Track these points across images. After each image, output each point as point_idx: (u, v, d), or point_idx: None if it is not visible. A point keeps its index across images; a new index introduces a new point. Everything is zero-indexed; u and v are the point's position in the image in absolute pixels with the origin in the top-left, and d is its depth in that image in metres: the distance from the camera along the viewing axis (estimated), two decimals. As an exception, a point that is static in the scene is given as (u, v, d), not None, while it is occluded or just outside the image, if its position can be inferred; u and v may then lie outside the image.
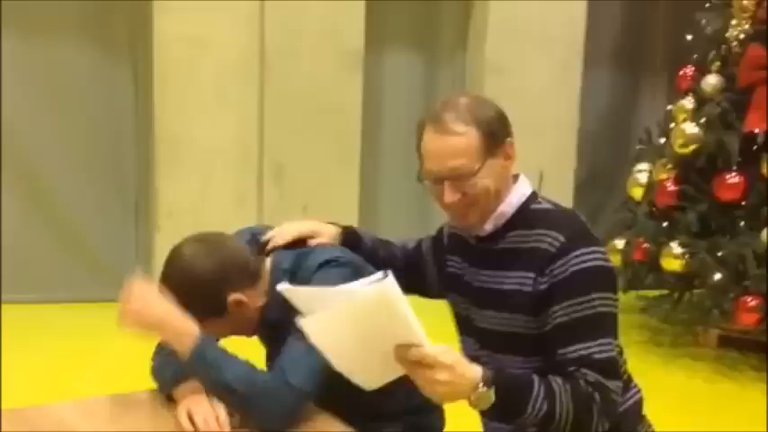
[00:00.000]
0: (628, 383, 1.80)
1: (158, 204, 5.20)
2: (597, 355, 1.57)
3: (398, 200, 5.80)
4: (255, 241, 1.91)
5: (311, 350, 1.66)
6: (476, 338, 1.77)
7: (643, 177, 5.02)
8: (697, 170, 4.61)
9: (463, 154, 1.63)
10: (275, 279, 1.79)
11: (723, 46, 4.71)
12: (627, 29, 6.37)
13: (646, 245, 4.82)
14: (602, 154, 6.26)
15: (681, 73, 5.03)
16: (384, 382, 1.51)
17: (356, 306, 1.37)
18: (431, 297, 2.00)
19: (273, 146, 5.26)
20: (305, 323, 1.40)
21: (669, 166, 4.78)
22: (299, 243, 1.90)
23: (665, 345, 4.95)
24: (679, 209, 4.68)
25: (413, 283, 1.91)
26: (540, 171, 5.60)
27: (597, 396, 1.55)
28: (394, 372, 1.46)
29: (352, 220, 5.36)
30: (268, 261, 1.86)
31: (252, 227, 2.02)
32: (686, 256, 4.50)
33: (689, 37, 4.97)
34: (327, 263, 1.77)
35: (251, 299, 1.80)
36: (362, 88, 5.40)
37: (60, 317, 5.03)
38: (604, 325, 1.62)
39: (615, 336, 1.65)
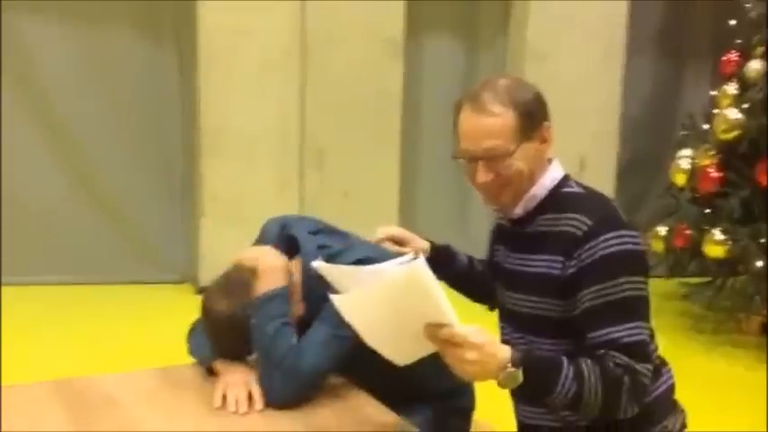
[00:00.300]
0: (659, 369, 1.79)
1: (203, 190, 5.30)
2: (626, 339, 1.56)
3: (438, 186, 5.83)
4: (285, 236, 1.94)
5: (334, 333, 1.73)
6: (510, 322, 1.78)
7: (686, 163, 4.98)
8: (740, 156, 4.57)
9: (499, 135, 1.64)
10: (307, 283, 1.84)
11: (766, 30, 4.66)
12: (671, 14, 6.31)
13: (688, 231, 4.80)
14: (646, 140, 6.21)
15: (724, 58, 4.98)
16: (414, 358, 1.54)
17: (387, 285, 1.40)
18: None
19: (314, 133, 5.33)
20: (337, 300, 1.45)
21: (712, 152, 4.74)
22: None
23: (707, 332, 4.92)
24: (722, 195, 4.64)
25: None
26: (582, 157, 5.67)
27: (626, 379, 1.53)
28: (425, 349, 1.49)
29: (392, 206, 5.44)
30: (298, 264, 1.87)
31: (283, 217, 2.04)
32: (728, 243, 4.47)
33: (732, 22, 4.90)
34: (360, 261, 1.78)
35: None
36: (403, 75, 5.43)
37: (108, 297, 5.18)
38: (634, 309, 1.59)
39: (646, 319, 1.62)
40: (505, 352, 1.46)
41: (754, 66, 4.63)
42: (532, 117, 1.66)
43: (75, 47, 5.28)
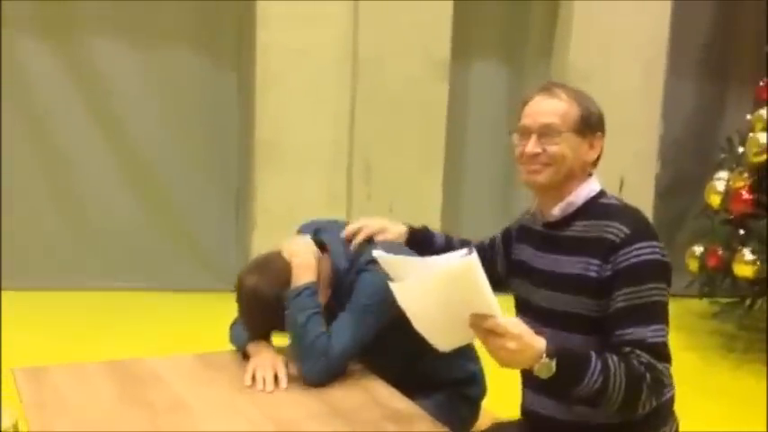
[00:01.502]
0: None
1: (256, 202, 5.60)
2: (650, 339, 1.72)
3: (480, 204, 6.04)
4: (317, 238, 2.20)
5: (359, 322, 2.00)
6: (533, 317, 1.90)
7: (721, 185, 5.10)
8: (772, 179, 4.69)
9: (558, 115, 1.85)
10: (336, 279, 2.12)
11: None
12: (714, 36, 6.39)
13: (720, 251, 4.93)
14: (687, 161, 6.31)
15: (761, 83, 5.10)
16: (456, 345, 1.75)
17: (442, 277, 1.61)
18: (497, 286, 2.13)
19: (363, 148, 5.59)
20: (394, 287, 1.65)
21: (745, 174, 4.87)
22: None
23: (738, 350, 5.02)
24: (754, 216, 4.77)
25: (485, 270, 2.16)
26: (621, 177, 5.82)
27: (648, 376, 1.68)
28: (466, 338, 1.69)
29: (435, 222, 5.66)
30: (327, 261, 2.14)
31: (316, 221, 2.35)
32: (757, 263, 4.59)
33: (768, 48, 5.03)
34: (372, 262, 2.02)
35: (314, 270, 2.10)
36: (448, 95, 5.66)
37: (165, 303, 5.49)
38: (658, 312, 1.75)
39: (667, 323, 1.77)
40: (541, 343, 1.64)
41: (788, 91, 4.75)
42: (589, 121, 1.89)
43: (142, 66, 5.66)
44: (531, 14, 6.05)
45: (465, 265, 1.58)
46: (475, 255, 1.58)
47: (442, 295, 1.61)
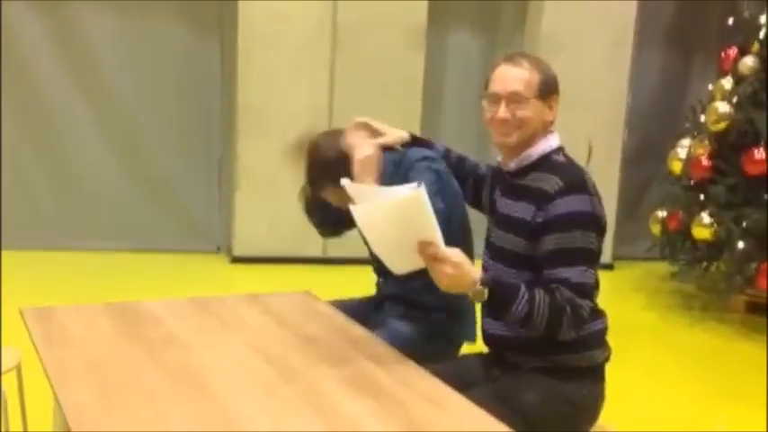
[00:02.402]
0: (598, 313, 2.19)
1: (238, 166, 5.80)
2: (573, 279, 1.95)
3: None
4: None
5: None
6: (490, 252, 2.21)
7: (683, 152, 5.36)
8: (729, 146, 4.94)
9: (523, 84, 2.06)
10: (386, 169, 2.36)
11: (764, 30, 5.00)
12: (680, 9, 6.61)
13: (681, 215, 5.19)
14: (654, 129, 6.55)
15: (723, 54, 5.34)
16: (408, 270, 1.98)
17: (392, 204, 1.87)
18: (480, 210, 2.46)
19: (342, 113, 5.77)
20: (353, 210, 1.90)
21: (705, 142, 5.11)
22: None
23: (696, 309, 5.32)
24: (713, 182, 5.02)
25: (475, 194, 2.43)
26: (590, 142, 6.06)
27: (568, 308, 1.93)
28: (417, 264, 1.93)
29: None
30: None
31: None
32: (714, 226, 4.85)
33: (731, 20, 5.24)
34: (425, 158, 2.33)
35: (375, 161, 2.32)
36: (425, 63, 5.86)
37: (150, 264, 5.70)
38: (584, 256, 1.98)
39: (592, 266, 2.00)
40: (477, 273, 1.91)
41: (748, 62, 4.98)
42: (548, 86, 2.10)
43: (127, 33, 5.81)
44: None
45: (413, 195, 1.83)
46: (423, 188, 1.82)
47: (393, 221, 1.86)
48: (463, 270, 1.89)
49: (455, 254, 1.89)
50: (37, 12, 5.63)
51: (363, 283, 2.84)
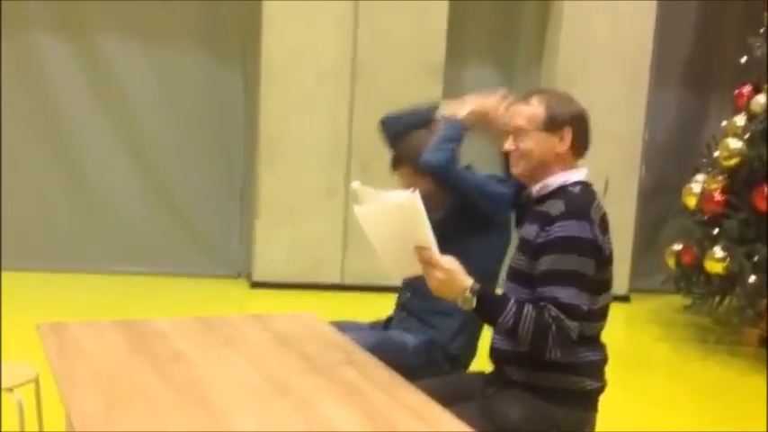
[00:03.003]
0: (596, 343, 2.25)
1: (259, 194, 5.94)
2: (563, 299, 2.03)
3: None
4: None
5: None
6: (508, 273, 2.30)
7: (697, 187, 5.40)
8: (742, 182, 4.99)
9: (526, 118, 2.21)
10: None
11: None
12: (697, 46, 6.69)
13: (694, 249, 5.23)
14: (671, 165, 6.59)
15: (737, 92, 5.40)
16: (408, 275, 2.10)
17: (388, 207, 1.99)
18: None
19: (360, 145, 5.91)
20: (356, 210, 2.02)
21: (719, 177, 5.17)
22: None
23: (710, 342, 5.33)
24: (725, 216, 5.07)
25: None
26: (606, 178, 6.12)
27: (554, 327, 2.01)
28: (416, 270, 2.04)
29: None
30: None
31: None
32: (727, 260, 4.89)
33: (743, 59, 5.31)
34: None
35: None
36: (442, 97, 5.97)
37: (170, 288, 5.84)
38: (576, 279, 2.06)
39: (583, 290, 2.06)
40: (468, 281, 2.03)
41: (760, 100, 5.04)
42: (555, 118, 2.21)
43: (152, 64, 6.03)
44: (522, 21, 6.37)
45: (407, 201, 1.95)
46: (417, 194, 1.95)
47: (390, 224, 1.99)
48: (454, 277, 2.01)
49: (448, 261, 2.02)
50: (65, 40, 5.86)
51: (380, 310, 2.95)
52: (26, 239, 5.94)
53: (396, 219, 1.98)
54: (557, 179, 2.22)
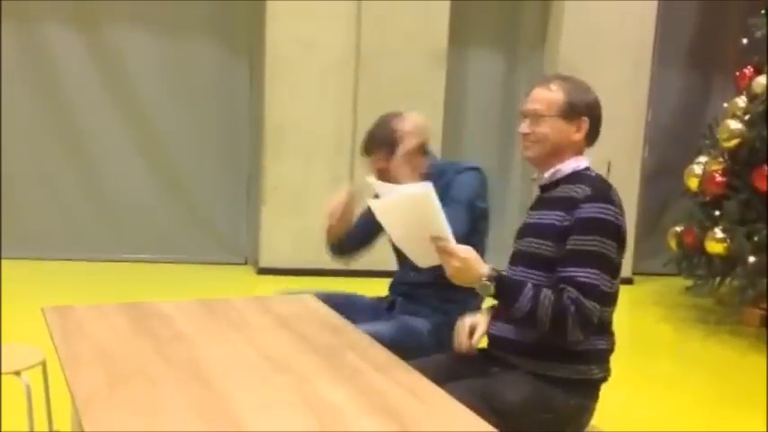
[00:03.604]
0: (604, 330, 2.27)
1: (265, 182, 6.01)
2: (582, 279, 2.06)
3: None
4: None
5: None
6: (511, 260, 2.30)
7: (699, 169, 5.44)
8: (742, 163, 5.02)
9: (545, 103, 2.22)
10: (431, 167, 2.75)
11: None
12: (700, 30, 6.70)
13: (696, 230, 5.26)
14: (674, 147, 6.60)
15: (738, 73, 5.42)
16: (430, 264, 2.15)
17: (403, 199, 2.05)
18: None
19: (364, 134, 5.95)
20: (371, 204, 2.11)
21: (720, 158, 5.20)
22: None
23: (711, 322, 5.38)
24: (726, 197, 5.10)
25: None
26: (609, 161, 6.16)
27: (573, 308, 2.03)
28: (436, 259, 2.09)
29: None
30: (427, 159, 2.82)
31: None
32: (727, 241, 4.93)
33: (744, 40, 5.33)
34: (473, 169, 2.71)
35: (417, 155, 2.76)
36: (446, 84, 6.03)
37: (179, 275, 5.93)
38: (598, 261, 2.08)
39: (605, 272, 2.09)
40: (484, 268, 2.07)
41: (761, 81, 5.06)
42: (574, 108, 2.24)
43: (161, 55, 6.11)
44: (524, 6, 6.41)
45: (421, 193, 2.01)
46: (430, 186, 2.00)
47: (406, 216, 2.06)
48: (470, 264, 2.06)
49: (464, 249, 2.06)
50: (75, 32, 5.95)
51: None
52: (36, 228, 6.05)
53: (411, 211, 2.04)
54: (568, 165, 2.26)
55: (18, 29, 5.88)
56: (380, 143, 2.81)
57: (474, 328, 2.31)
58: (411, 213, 2.05)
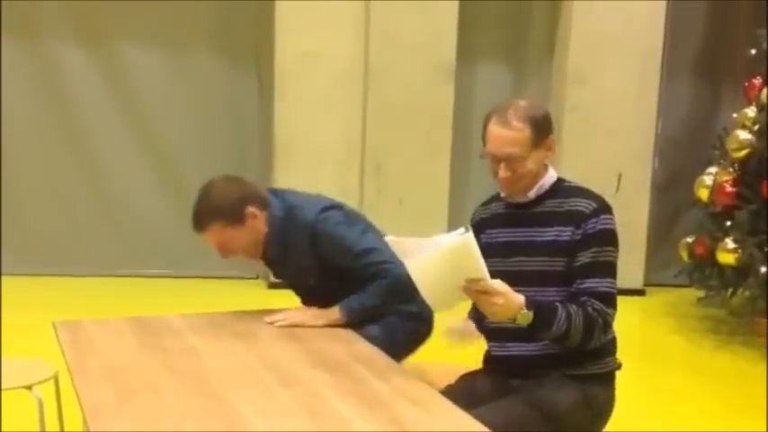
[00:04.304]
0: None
1: (275, 195, 6.02)
2: (603, 289, 2.18)
3: (485, 194, 6.40)
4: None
5: None
6: (516, 280, 2.24)
7: (709, 180, 5.40)
8: (753, 173, 5.00)
9: (517, 145, 2.20)
10: (271, 222, 2.61)
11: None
12: (709, 40, 6.68)
13: (707, 241, 5.25)
14: (684, 157, 6.57)
15: (747, 84, 5.41)
16: (451, 307, 2.17)
17: (447, 251, 2.02)
18: None
19: (374, 147, 5.98)
20: (408, 264, 2.08)
21: (730, 169, 5.18)
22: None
23: (723, 333, 5.35)
24: (737, 208, 5.08)
25: None
26: (619, 172, 6.16)
27: (599, 320, 2.15)
28: (459, 300, 2.12)
29: (442, 214, 6.07)
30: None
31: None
32: (739, 251, 4.91)
33: (753, 51, 5.33)
34: (326, 209, 2.57)
35: (260, 220, 2.59)
36: (454, 96, 6.04)
37: (189, 289, 5.94)
38: (611, 270, 2.22)
39: (615, 279, 2.23)
40: (521, 298, 2.09)
41: (769, 91, 5.05)
42: (541, 131, 2.25)
43: (169, 68, 6.13)
44: (532, 19, 6.41)
45: (464, 240, 2.00)
46: (470, 233, 2.00)
47: (445, 266, 2.03)
48: (510, 298, 2.08)
49: (499, 284, 2.07)
50: (82, 46, 5.97)
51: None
52: (47, 243, 6.08)
53: (449, 261, 2.02)
54: (546, 180, 2.30)
55: (27, 45, 5.92)
56: (212, 215, 2.65)
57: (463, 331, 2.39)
58: (449, 263, 2.03)
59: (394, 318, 2.69)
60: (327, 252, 2.58)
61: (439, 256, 2.02)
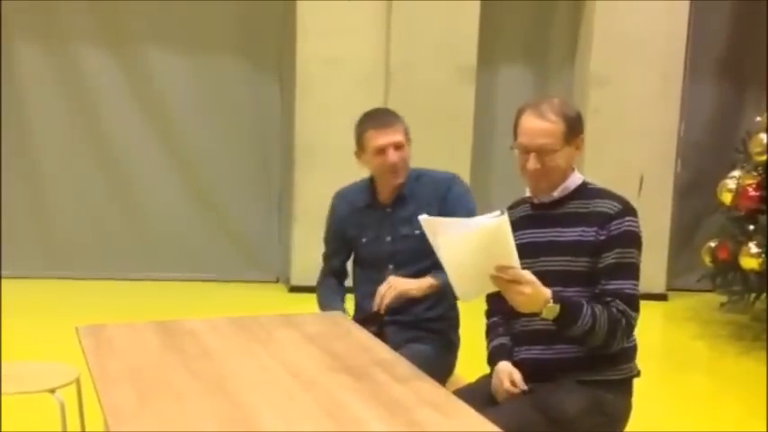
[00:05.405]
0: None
1: (296, 200, 6.04)
2: (627, 291, 2.19)
3: (506, 201, 6.38)
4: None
5: None
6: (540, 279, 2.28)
7: (732, 183, 5.36)
8: (777, 177, 4.96)
9: (551, 136, 2.23)
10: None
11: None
12: (732, 43, 6.62)
13: (730, 245, 5.20)
14: (708, 161, 6.51)
15: (773, 85, 5.36)
16: (476, 296, 2.16)
17: (480, 232, 1.98)
18: None
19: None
20: (441, 242, 2.01)
21: (753, 172, 5.14)
22: None
23: (747, 339, 5.29)
24: (761, 212, 5.03)
25: None
26: (641, 174, 6.11)
27: (623, 321, 2.16)
28: (486, 289, 2.11)
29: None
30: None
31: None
32: (762, 256, 4.86)
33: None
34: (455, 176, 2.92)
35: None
36: (475, 99, 6.03)
37: (212, 293, 5.97)
38: (635, 272, 2.23)
39: (638, 281, 2.24)
40: (548, 291, 2.09)
41: (794, 94, 5.00)
42: (574, 128, 2.29)
43: (192, 72, 6.18)
44: (554, 21, 6.39)
45: (499, 222, 1.97)
46: (506, 215, 1.98)
47: (477, 248, 1.99)
48: (538, 289, 2.07)
49: (528, 273, 2.06)
50: (106, 50, 6.03)
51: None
52: (70, 247, 6.14)
53: (481, 242, 1.98)
54: (571, 182, 2.33)
55: (51, 49, 5.99)
56: (397, 119, 2.95)
57: (511, 375, 2.32)
58: (480, 245, 1.98)
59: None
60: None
61: (471, 236, 1.98)
